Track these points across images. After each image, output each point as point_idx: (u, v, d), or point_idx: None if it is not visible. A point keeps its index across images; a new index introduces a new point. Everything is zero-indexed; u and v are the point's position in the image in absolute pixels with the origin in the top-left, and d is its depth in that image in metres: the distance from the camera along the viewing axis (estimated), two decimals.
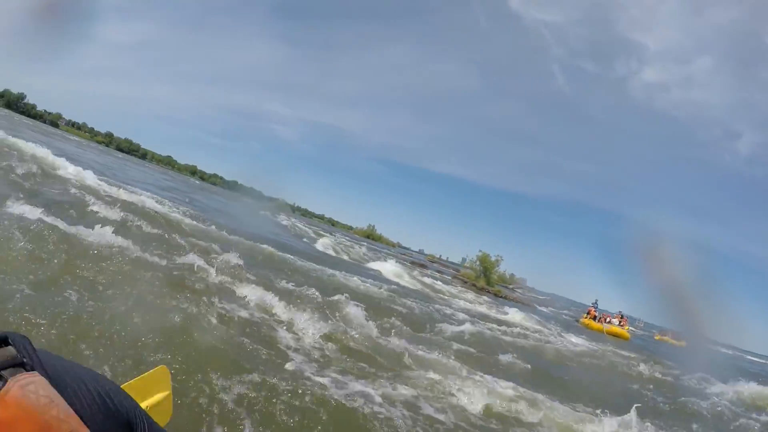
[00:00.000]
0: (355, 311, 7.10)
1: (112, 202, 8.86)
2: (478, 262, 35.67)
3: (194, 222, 10.92)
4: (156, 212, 9.69)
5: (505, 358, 8.02)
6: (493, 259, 35.85)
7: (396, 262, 22.96)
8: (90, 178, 11.02)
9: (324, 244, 21.59)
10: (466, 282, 32.14)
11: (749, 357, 39.19)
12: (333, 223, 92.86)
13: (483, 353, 7.98)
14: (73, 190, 8.85)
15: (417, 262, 36.27)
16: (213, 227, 10.95)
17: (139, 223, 7.89)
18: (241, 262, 7.47)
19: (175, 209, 12.03)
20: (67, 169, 10.97)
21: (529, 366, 7.90)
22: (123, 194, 10.56)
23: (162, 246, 7.27)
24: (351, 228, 77.58)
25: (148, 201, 11.15)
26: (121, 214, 8.00)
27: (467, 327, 9.44)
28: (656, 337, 40.04)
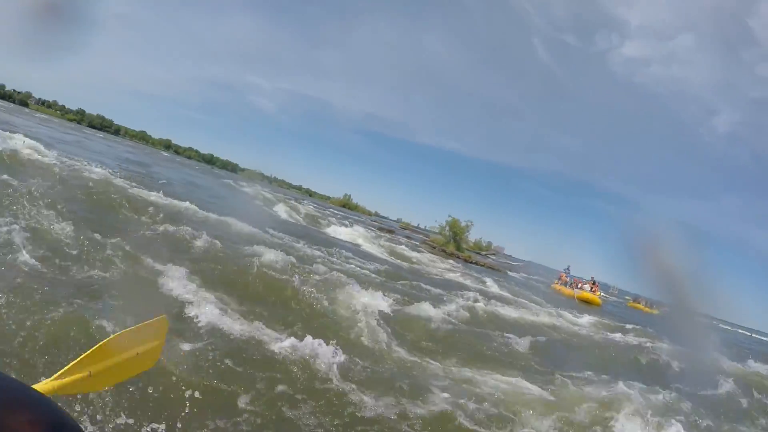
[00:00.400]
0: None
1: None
2: (447, 228, 35.84)
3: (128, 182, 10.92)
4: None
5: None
6: (463, 224, 36.18)
7: (357, 227, 23.13)
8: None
9: (282, 209, 21.60)
10: (434, 247, 32.39)
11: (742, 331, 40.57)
12: (311, 194, 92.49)
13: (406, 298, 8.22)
14: None
15: (385, 228, 36.43)
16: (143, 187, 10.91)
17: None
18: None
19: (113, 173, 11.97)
20: None
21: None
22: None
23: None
24: (328, 198, 77.38)
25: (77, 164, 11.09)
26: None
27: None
28: (629, 304, 41.02)
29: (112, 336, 1.20)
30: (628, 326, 14.34)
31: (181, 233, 7.47)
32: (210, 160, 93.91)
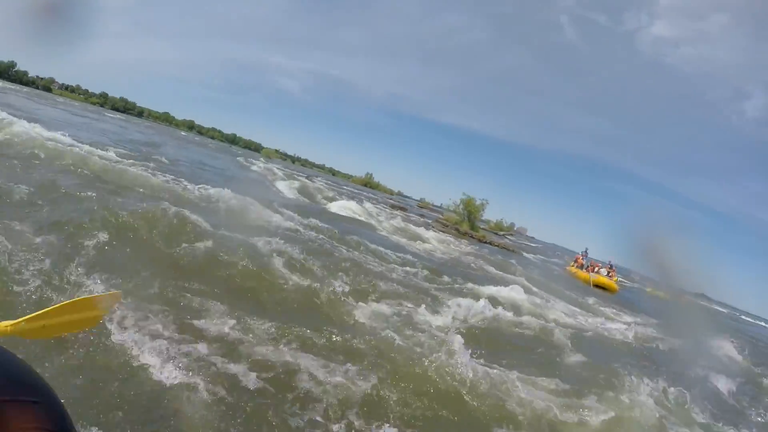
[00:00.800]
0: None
1: None
2: (461, 206, 35.13)
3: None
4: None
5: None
6: (478, 203, 35.43)
7: (367, 204, 22.85)
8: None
9: (285, 185, 21.44)
10: (446, 226, 31.78)
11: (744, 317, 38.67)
12: (334, 173, 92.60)
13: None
14: None
15: (398, 205, 36.09)
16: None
17: None
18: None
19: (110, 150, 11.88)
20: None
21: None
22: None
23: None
24: (350, 177, 77.40)
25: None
26: None
27: None
28: (648, 290, 38.95)
29: (73, 300, 1.37)
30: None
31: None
32: (233, 140, 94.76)
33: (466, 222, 34.32)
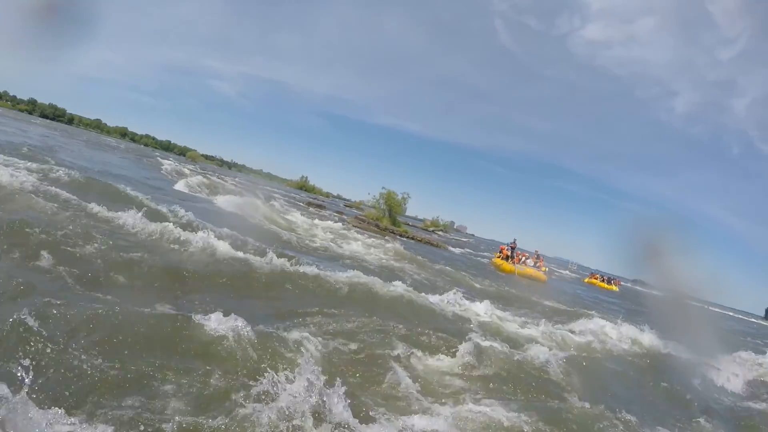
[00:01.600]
0: None
1: None
2: (382, 201, 35.20)
3: None
4: None
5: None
6: (399, 197, 35.89)
7: (275, 201, 23.05)
8: None
9: (185, 182, 21.45)
10: (364, 221, 31.61)
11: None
12: (271, 178, 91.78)
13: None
14: None
15: (315, 203, 36.44)
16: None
17: None
18: None
19: None
20: None
21: None
22: None
23: None
24: (286, 181, 77.19)
25: None
26: None
27: None
28: (585, 280, 40.15)
29: None
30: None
31: None
32: (167, 147, 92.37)
33: (386, 218, 34.60)
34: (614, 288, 39.20)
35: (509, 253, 27.68)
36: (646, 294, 18.74)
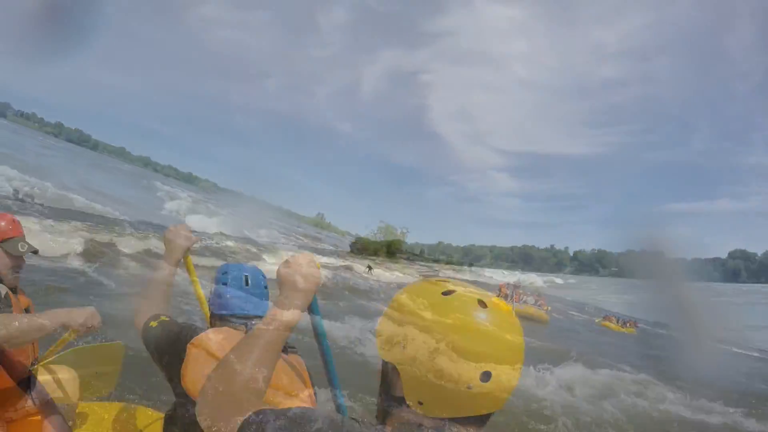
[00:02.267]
0: None
1: None
2: (380, 234, 34.87)
3: None
4: None
5: None
6: (398, 231, 35.47)
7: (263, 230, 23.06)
8: None
9: (178, 204, 21.82)
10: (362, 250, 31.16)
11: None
12: (290, 215, 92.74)
13: None
14: None
15: (310, 235, 36.24)
16: None
17: None
18: None
19: None
20: None
21: None
22: None
23: None
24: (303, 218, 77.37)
25: None
26: None
27: None
28: (597, 321, 36.35)
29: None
30: None
31: None
32: (189, 179, 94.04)
33: (383, 251, 34.25)
34: (631, 330, 34.17)
35: (507, 292, 26.43)
36: None
